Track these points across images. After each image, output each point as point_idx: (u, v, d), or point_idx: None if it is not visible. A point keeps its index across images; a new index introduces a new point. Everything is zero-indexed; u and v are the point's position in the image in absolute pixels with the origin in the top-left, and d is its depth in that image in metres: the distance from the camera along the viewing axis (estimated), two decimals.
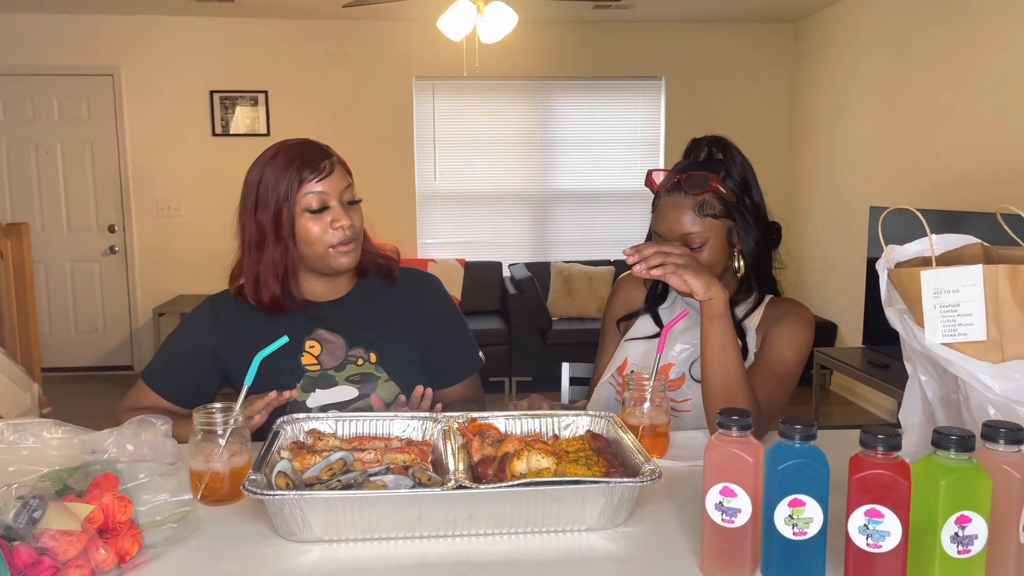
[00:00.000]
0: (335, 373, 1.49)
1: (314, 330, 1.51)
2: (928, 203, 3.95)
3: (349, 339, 1.51)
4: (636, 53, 5.75)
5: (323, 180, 1.41)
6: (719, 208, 1.47)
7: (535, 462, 1.11)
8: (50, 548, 0.86)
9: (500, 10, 3.88)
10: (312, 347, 1.50)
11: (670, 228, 1.48)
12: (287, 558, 0.99)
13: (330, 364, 1.50)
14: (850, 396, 5.00)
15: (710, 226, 1.47)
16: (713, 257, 1.48)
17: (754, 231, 1.50)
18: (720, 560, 0.93)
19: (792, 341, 1.49)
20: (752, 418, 0.91)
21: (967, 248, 1.12)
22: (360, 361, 1.50)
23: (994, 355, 0.99)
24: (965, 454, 0.82)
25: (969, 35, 3.84)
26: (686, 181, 1.47)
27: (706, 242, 1.47)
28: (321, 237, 1.42)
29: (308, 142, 1.47)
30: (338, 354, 1.50)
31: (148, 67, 5.48)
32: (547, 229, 6.00)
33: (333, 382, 1.49)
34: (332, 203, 1.42)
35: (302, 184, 1.40)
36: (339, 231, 1.42)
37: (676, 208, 1.47)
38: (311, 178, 1.40)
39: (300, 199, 1.40)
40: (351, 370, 1.50)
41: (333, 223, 1.42)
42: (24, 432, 1.06)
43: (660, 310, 1.64)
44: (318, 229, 1.41)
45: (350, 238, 1.44)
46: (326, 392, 1.48)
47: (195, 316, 1.56)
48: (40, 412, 4.05)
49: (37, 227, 5.43)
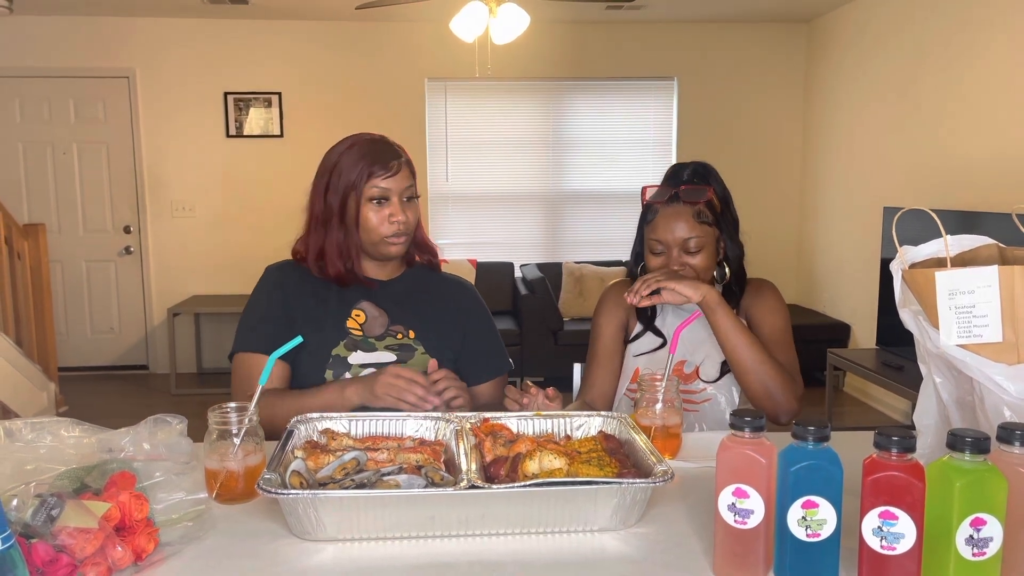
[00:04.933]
0: (376, 341, 1.61)
1: (360, 301, 1.63)
2: (943, 204, 3.92)
3: (392, 317, 1.64)
4: (648, 53, 5.73)
5: (389, 178, 1.56)
6: (711, 218, 1.63)
7: (547, 462, 1.11)
8: (68, 546, 0.86)
9: (512, 11, 3.89)
10: (357, 315, 1.62)
11: (672, 233, 1.62)
12: (301, 557, 0.99)
13: (371, 333, 1.62)
14: (863, 397, 4.97)
15: (706, 232, 1.62)
16: (707, 261, 1.64)
17: (738, 242, 1.68)
18: (733, 562, 0.92)
19: (773, 308, 1.69)
20: (765, 419, 0.91)
21: (982, 249, 1.11)
22: (399, 335, 1.63)
23: (1010, 356, 0.98)
24: (980, 456, 0.82)
25: (982, 33, 3.81)
26: (685, 192, 1.62)
27: (703, 247, 1.62)
28: (378, 227, 1.56)
29: (384, 140, 1.62)
30: (379, 327, 1.63)
31: (163, 69, 5.52)
32: (559, 230, 5.99)
33: (373, 348, 1.60)
34: (393, 199, 1.56)
35: (371, 178, 1.55)
36: (395, 224, 1.56)
37: (677, 216, 1.62)
38: (380, 174, 1.55)
39: (366, 190, 1.55)
40: (390, 341, 1.62)
41: (391, 217, 1.56)
42: (42, 431, 1.07)
43: (657, 323, 1.75)
44: (377, 219, 1.56)
45: (403, 232, 1.58)
46: (366, 355, 1.59)
47: (263, 281, 1.67)
48: (56, 411, 4.09)
49: (53, 228, 5.48)
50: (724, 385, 1.67)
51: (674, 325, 1.68)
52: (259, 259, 6.54)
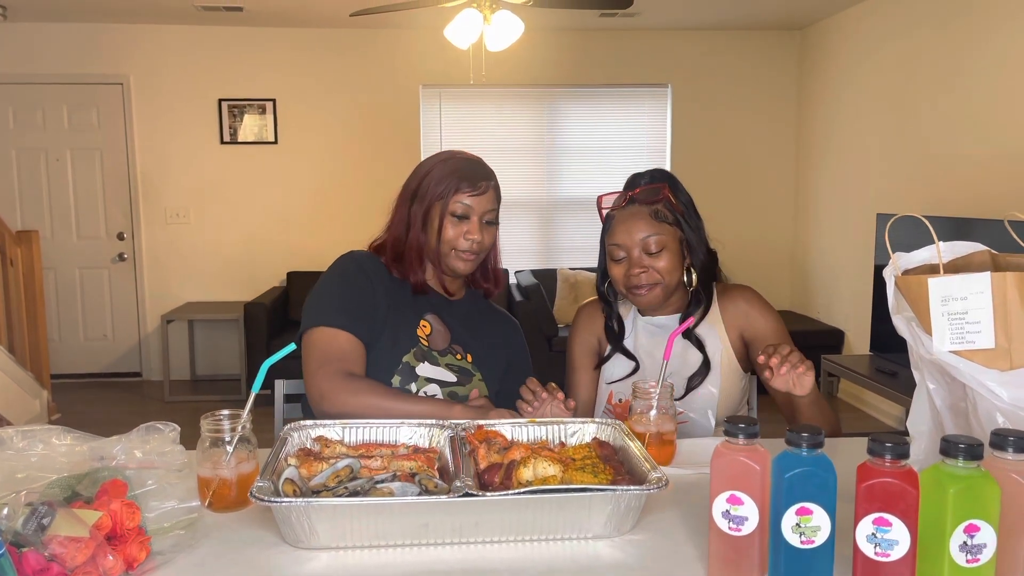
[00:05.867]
0: (439, 356, 1.62)
1: (428, 312, 1.65)
2: (935, 210, 3.94)
3: (454, 335, 1.66)
4: (642, 61, 5.75)
5: (475, 196, 1.59)
6: (670, 217, 1.60)
7: (541, 469, 1.11)
8: (59, 555, 0.86)
9: (506, 18, 3.89)
10: (424, 326, 1.64)
11: (629, 234, 1.59)
12: (294, 565, 0.99)
13: (436, 347, 1.63)
14: (857, 404, 4.97)
15: (666, 231, 1.59)
16: (671, 262, 1.60)
17: (703, 246, 1.64)
18: (727, 569, 0.92)
19: (764, 313, 1.66)
20: (758, 426, 0.91)
21: (975, 255, 1.11)
22: (459, 356, 1.64)
23: (1002, 363, 0.98)
24: (973, 462, 0.82)
25: (974, 41, 3.83)
26: (640, 193, 1.61)
27: (664, 246, 1.59)
28: (453, 240, 1.59)
29: (479, 161, 1.66)
30: (442, 342, 1.64)
31: (157, 75, 5.51)
32: (553, 236, 6.00)
33: (436, 362, 1.61)
34: (473, 217, 1.60)
35: (457, 192, 1.58)
36: (469, 242, 1.59)
37: (633, 217, 1.60)
38: (467, 191, 1.58)
39: (451, 204, 1.58)
40: (451, 360, 1.63)
41: (467, 234, 1.59)
42: (33, 439, 1.07)
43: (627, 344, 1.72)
44: (453, 233, 1.59)
45: (475, 251, 1.61)
46: (432, 368, 1.60)
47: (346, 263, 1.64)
48: (49, 418, 4.07)
49: (47, 234, 5.46)
50: (700, 410, 1.64)
51: (646, 346, 1.69)
52: (253, 265, 6.50)
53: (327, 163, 5.62)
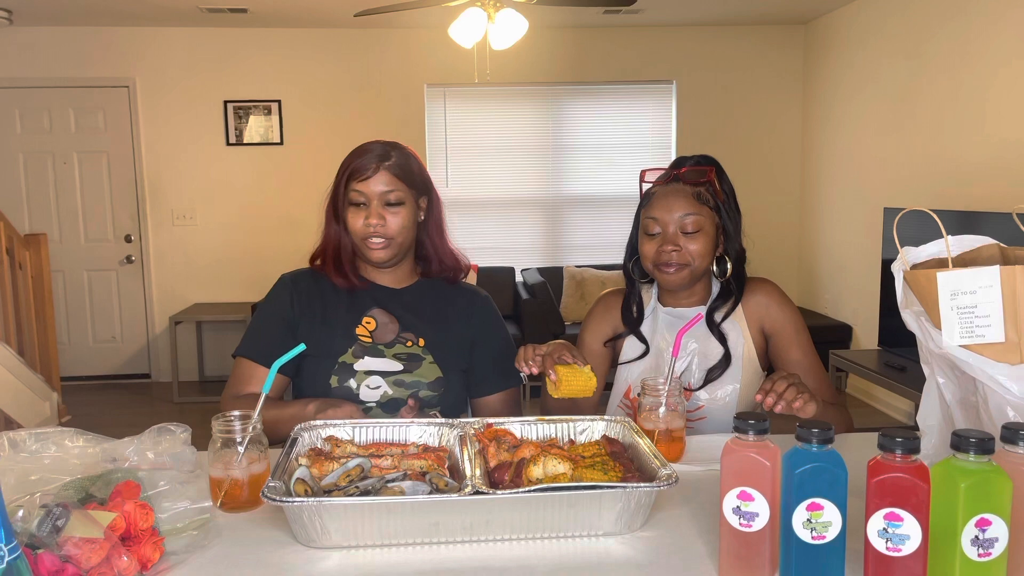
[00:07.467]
0: (384, 348, 1.62)
1: (373, 308, 1.65)
2: (943, 204, 3.92)
3: (403, 324, 1.65)
4: (647, 57, 5.74)
5: (363, 181, 1.58)
6: (712, 202, 1.58)
7: (551, 467, 1.11)
8: (73, 556, 0.87)
9: (511, 16, 3.89)
10: (368, 323, 1.64)
11: (668, 210, 1.56)
12: (306, 564, 0.99)
13: (381, 340, 1.62)
14: (866, 399, 4.96)
15: (705, 214, 1.57)
16: (705, 246, 1.57)
17: (738, 238, 1.62)
18: (738, 565, 0.92)
19: (783, 306, 1.63)
20: (769, 423, 0.91)
21: (983, 249, 1.11)
22: (409, 343, 1.63)
23: (1012, 357, 0.98)
24: (984, 456, 0.82)
25: (980, 34, 3.82)
26: (685, 172, 1.58)
27: (701, 227, 1.56)
28: (360, 231, 1.59)
29: (374, 144, 1.64)
30: (390, 335, 1.63)
31: (163, 78, 5.53)
32: (559, 234, 6.00)
33: (381, 354, 1.61)
34: (372, 203, 1.58)
35: (349, 182, 1.59)
36: (371, 227, 1.57)
37: (676, 193, 1.57)
38: (356, 178, 1.58)
39: (348, 194, 1.60)
40: (399, 349, 1.62)
41: (367, 220, 1.57)
42: (46, 441, 1.07)
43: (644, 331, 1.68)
44: (356, 224, 1.59)
45: (380, 235, 1.58)
46: (374, 360, 1.60)
47: (273, 289, 1.71)
48: (59, 421, 4.09)
49: (55, 237, 5.49)
50: (720, 405, 1.61)
51: (662, 334, 1.65)
52: (260, 266, 6.53)
53: (333, 163, 5.56)
